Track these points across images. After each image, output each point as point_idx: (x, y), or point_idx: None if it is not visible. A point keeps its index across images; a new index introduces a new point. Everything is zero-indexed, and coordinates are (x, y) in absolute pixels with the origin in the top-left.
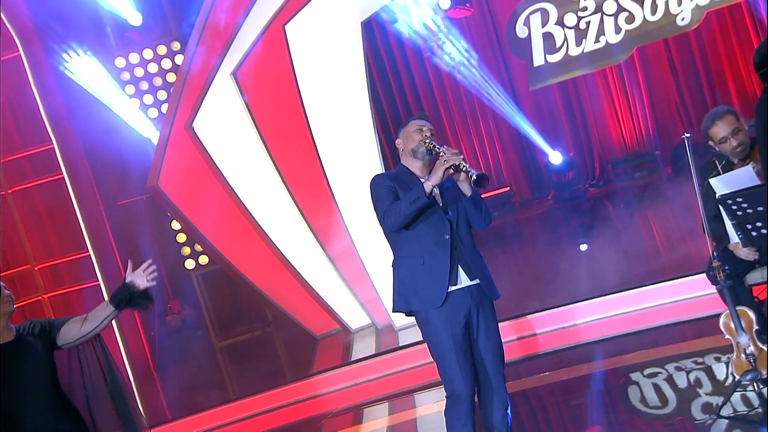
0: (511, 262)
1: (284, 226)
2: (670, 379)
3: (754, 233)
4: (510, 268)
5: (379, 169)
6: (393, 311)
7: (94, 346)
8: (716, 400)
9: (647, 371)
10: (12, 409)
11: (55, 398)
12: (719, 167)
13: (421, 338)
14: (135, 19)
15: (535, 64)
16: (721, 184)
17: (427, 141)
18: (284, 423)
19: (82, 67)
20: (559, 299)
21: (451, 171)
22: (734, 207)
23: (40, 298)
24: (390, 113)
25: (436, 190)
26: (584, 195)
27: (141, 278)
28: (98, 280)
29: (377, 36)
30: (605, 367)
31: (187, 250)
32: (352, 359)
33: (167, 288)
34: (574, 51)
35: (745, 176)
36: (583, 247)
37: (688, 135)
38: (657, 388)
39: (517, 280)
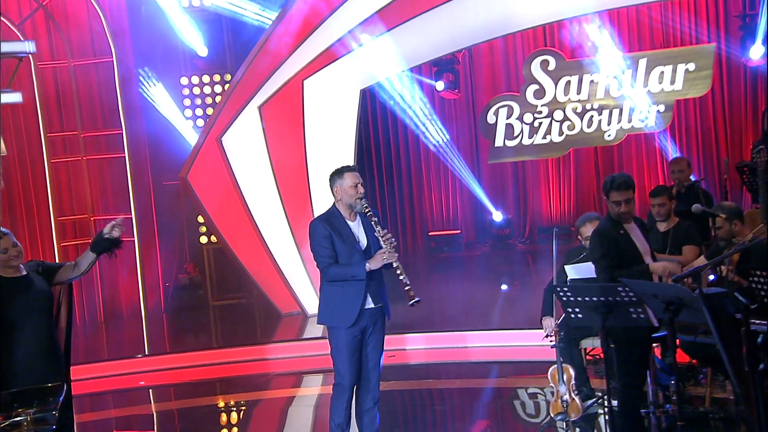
0: (445, 288)
1: (273, 225)
2: (515, 399)
3: (572, 316)
4: (443, 291)
5: None
6: (317, 323)
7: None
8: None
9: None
10: (17, 327)
11: (51, 329)
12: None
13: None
14: (202, 51)
15: (496, 145)
16: (573, 270)
17: (364, 205)
18: (243, 373)
19: (154, 79)
20: (466, 324)
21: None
22: (561, 293)
23: (90, 241)
24: (374, 160)
25: (363, 243)
26: (514, 248)
27: (116, 230)
28: (134, 237)
29: (375, 101)
30: (475, 384)
31: (203, 229)
32: (303, 337)
33: (186, 253)
34: (527, 141)
35: (590, 269)
36: (504, 287)
37: (556, 229)
38: (498, 406)
39: (445, 302)
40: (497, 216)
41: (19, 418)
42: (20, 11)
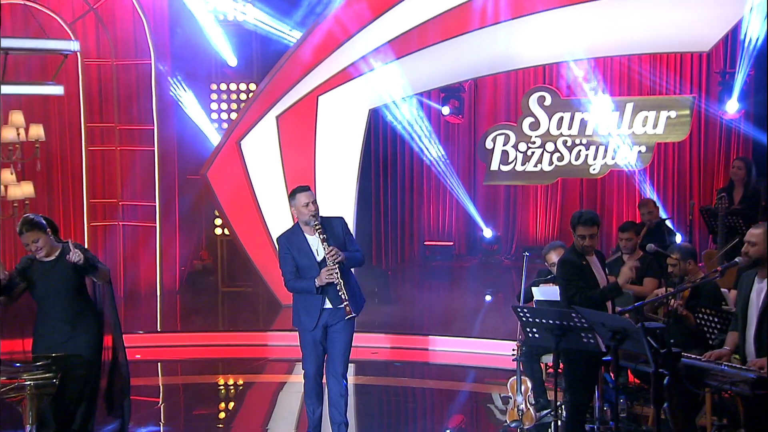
0: (434, 294)
1: (280, 225)
2: (478, 403)
3: (530, 335)
4: (432, 297)
5: (352, 203)
6: (292, 324)
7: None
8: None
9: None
10: (47, 302)
11: (74, 307)
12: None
13: None
14: (232, 61)
15: (492, 169)
16: (539, 292)
17: (315, 223)
18: (243, 356)
19: (185, 84)
20: (446, 330)
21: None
22: (521, 314)
23: (116, 223)
24: (380, 174)
25: (319, 256)
26: (500, 263)
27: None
28: (156, 224)
29: (382, 120)
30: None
31: (218, 222)
32: None
33: (202, 242)
34: (519, 167)
35: (555, 292)
36: (488, 297)
37: (527, 254)
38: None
39: (432, 307)
40: (487, 233)
41: (26, 383)
42: (74, 12)
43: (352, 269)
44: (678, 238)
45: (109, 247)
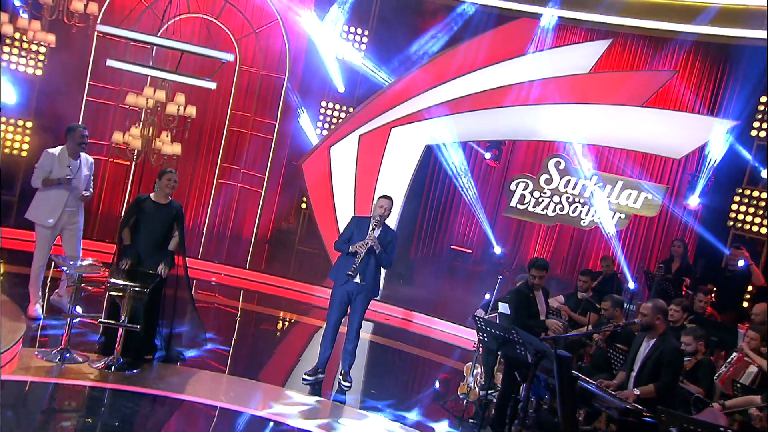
0: (448, 285)
1: (344, 215)
2: (448, 373)
3: (481, 338)
4: (446, 288)
5: (397, 210)
6: (329, 276)
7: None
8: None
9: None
10: (147, 231)
11: (165, 243)
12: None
13: None
14: (340, 88)
15: (511, 205)
16: (502, 307)
17: (378, 221)
18: (298, 299)
19: (304, 96)
20: (445, 314)
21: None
22: (477, 322)
23: (236, 184)
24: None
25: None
26: (502, 272)
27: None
28: (262, 190)
29: (434, 155)
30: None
31: (304, 198)
32: None
33: (292, 210)
34: (531, 209)
35: (506, 309)
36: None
37: (501, 278)
38: (431, 374)
39: (442, 295)
40: (498, 250)
41: (130, 285)
42: (242, 30)
43: (382, 273)
44: (631, 285)
45: (227, 200)
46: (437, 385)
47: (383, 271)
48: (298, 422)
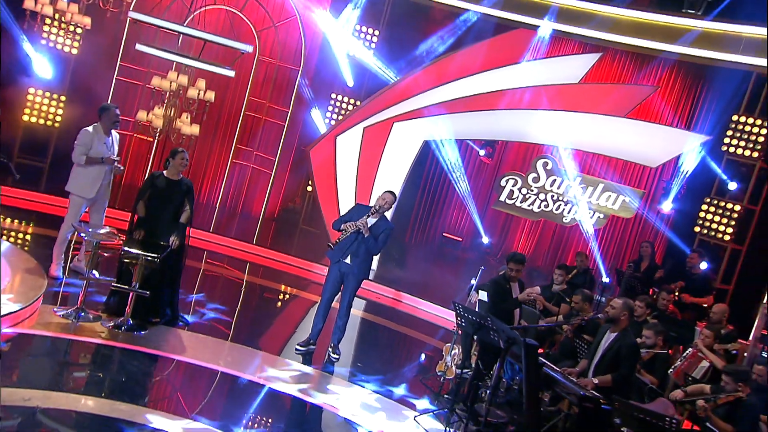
0: (438, 269)
1: (346, 202)
2: (430, 351)
3: (459, 322)
4: (435, 272)
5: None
6: (326, 254)
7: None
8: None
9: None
10: (160, 206)
11: (177, 217)
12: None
13: None
14: (350, 82)
15: (500, 199)
16: (482, 293)
17: (375, 210)
18: (297, 274)
19: (315, 88)
20: (431, 296)
21: (354, 229)
22: (456, 308)
23: (248, 165)
24: (422, 186)
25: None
26: (488, 262)
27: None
28: (272, 172)
29: (431, 150)
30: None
31: (310, 182)
32: None
33: (298, 192)
34: (518, 204)
35: (485, 296)
36: (473, 281)
37: (483, 268)
38: (414, 350)
39: (429, 278)
40: (485, 239)
41: (143, 254)
42: (263, 23)
43: (375, 259)
44: (605, 279)
45: (240, 179)
46: (420, 360)
47: (376, 257)
48: (286, 387)
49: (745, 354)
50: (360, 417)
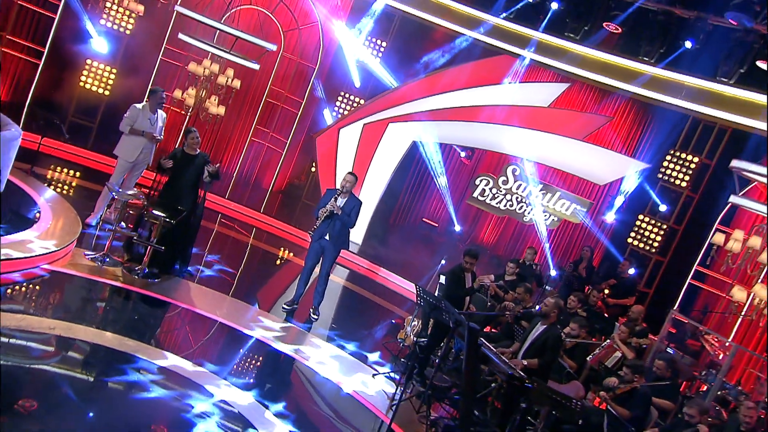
0: (414, 249)
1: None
2: (392, 319)
3: (418, 302)
4: (410, 251)
5: (381, 188)
6: (308, 232)
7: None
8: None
9: (389, 313)
10: (181, 177)
11: (195, 186)
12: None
13: None
14: (357, 83)
15: (474, 195)
16: (442, 277)
17: (341, 191)
18: (295, 242)
19: (327, 85)
20: (404, 272)
21: (328, 213)
22: (418, 289)
23: (264, 143)
24: (408, 178)
25: (334, 205)
26: (457, 247)
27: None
28: (283, 151)
29: (418, 149)
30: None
31: (314, 164)
32: None
33: (304, 171)
34: (488, 201)
35: (443, 280)
36: (443, 261)
37: (443, 261)
38: (381, 318)
39: (405, 255)
40: (458, 227)
41: (162, 216)
42: (289, 24)
43: (351, 232)
44: (553, 273)
45: (255, 155)
46: (386, 326)
47: (360, 233)
48: (269, 338)
49: (653, 348)
50: (326, 369)
